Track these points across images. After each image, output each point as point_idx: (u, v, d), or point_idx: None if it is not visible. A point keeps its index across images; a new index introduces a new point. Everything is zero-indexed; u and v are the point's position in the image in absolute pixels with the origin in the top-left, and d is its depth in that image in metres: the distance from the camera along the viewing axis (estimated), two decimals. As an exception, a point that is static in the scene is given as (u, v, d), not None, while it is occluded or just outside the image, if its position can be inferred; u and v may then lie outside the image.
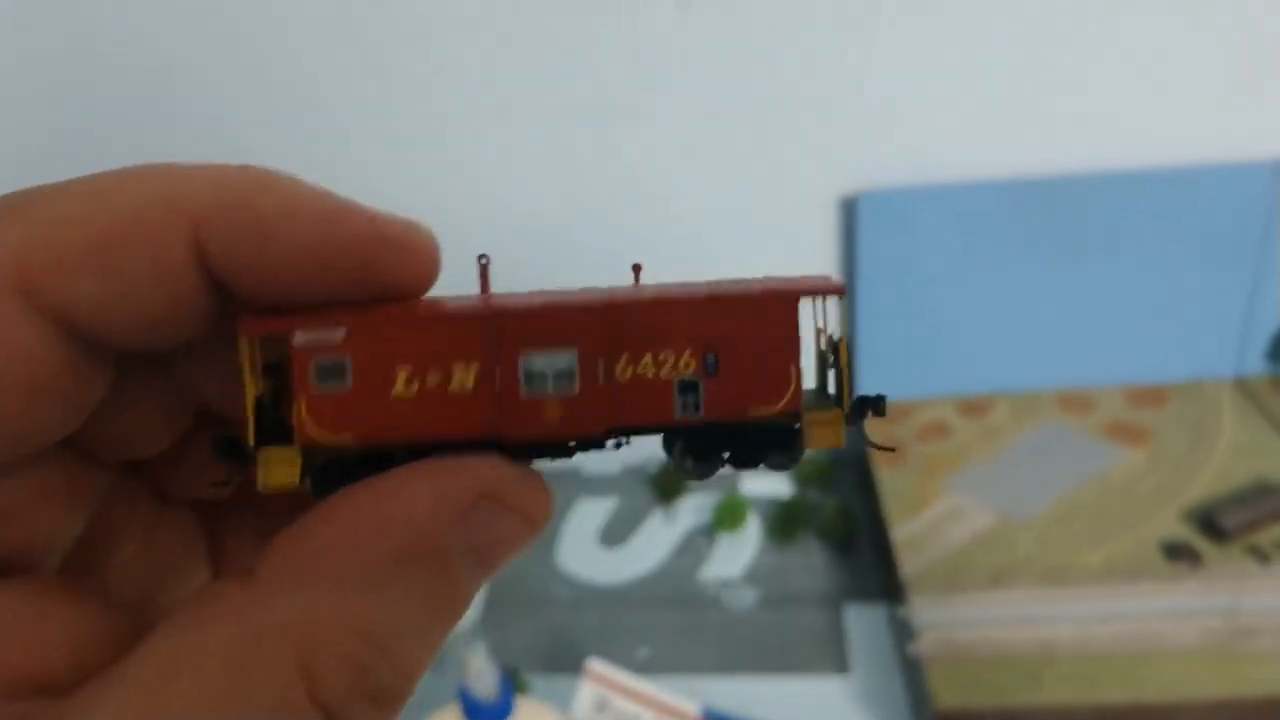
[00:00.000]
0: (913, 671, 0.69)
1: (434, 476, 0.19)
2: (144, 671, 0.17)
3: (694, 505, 0.93)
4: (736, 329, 0.21)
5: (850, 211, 0.87)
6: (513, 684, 0.68)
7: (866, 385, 0.89)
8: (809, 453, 0.22)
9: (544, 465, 0.22)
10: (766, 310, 0.21)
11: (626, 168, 0.85)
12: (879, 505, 0.82)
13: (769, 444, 0.22)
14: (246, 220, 0.19)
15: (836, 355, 0.22)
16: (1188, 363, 0.90)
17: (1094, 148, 0.83)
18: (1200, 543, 0.72)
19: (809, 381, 0.22)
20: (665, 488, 0.94)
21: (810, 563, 0.85)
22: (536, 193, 0.86)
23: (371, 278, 0.20)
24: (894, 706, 0.70)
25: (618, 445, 0.22)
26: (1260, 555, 0.70)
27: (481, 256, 0.22)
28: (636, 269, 0.22)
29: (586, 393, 0.20)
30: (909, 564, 0.73)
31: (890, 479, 0.83)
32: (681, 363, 0.21)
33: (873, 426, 0.22)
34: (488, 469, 0.20)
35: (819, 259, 0.90)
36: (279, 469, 0.20)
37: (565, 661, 0.76)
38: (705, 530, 0.90)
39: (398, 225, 0.20)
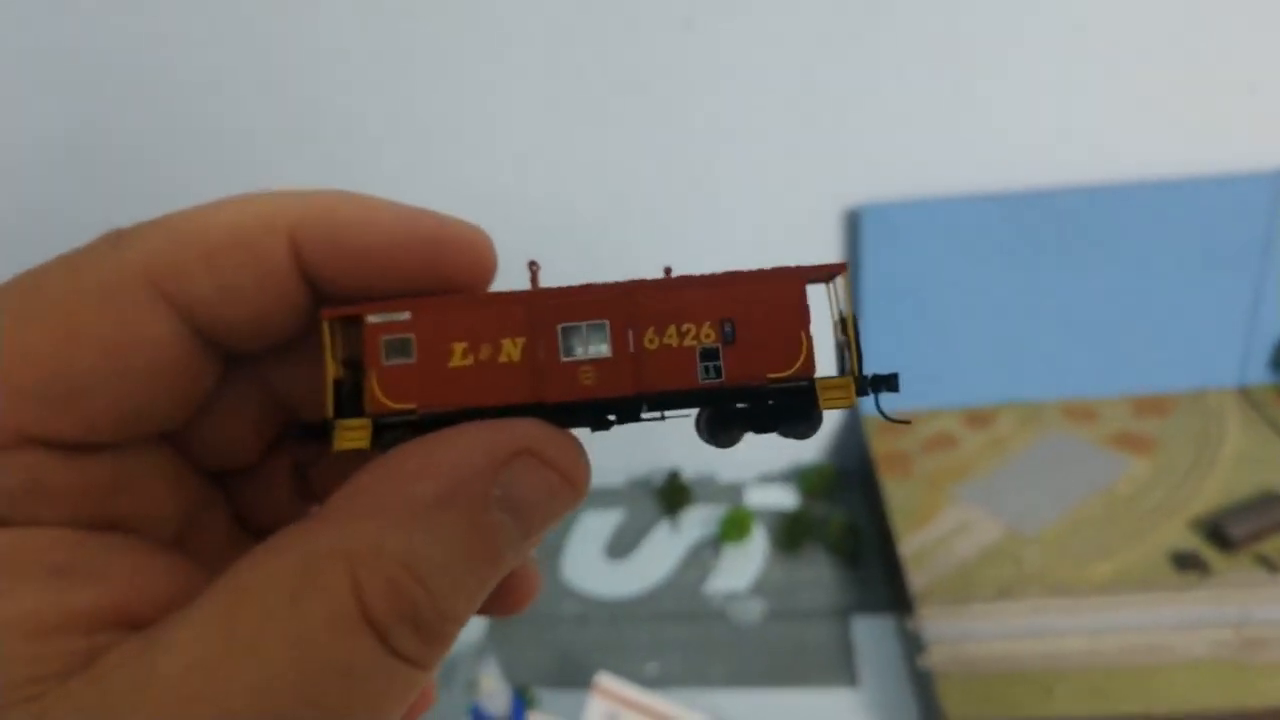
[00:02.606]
0: (922, 684, 0.69)
1: (478, 431, 0.21)
2: (216, 600, 0.19)
3: (700, 517, 0.93)
4: (751, 303, 0.23)
5: (853, 224, 0.87)
6: (524, 701, 0.68)
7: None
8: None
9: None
10: (777, 286, 0.23)
11: (635, 182, 0.86)
12: (886, 518, 0.82)
13: (787, 408, 0.24)
14: (334, 224, 0.22)
15: (844, 328, 0.24)
16: (1192, 372, 0.91)
17: (1097, 160, 0.83)
18: (1208, 552, 0.72)
19: (830, 367, 0.24)
20: (671, 500, 0.94)
21: (817, 575, 0.85)
22: (545, 206, 0.86)
23: (438, 270, 0.23)
24: (904, 719, 0.70)
25: (657, 417, 0.24)
26: (1269, 565, 0.70)
27: (532, 263, 0.25)
28: (667, 271, 0.25)
29: (618, 358, 0.23)
30: (917, 577, 0.73)
31: (896, 491, 0.83)
32: (702, 333, 0.23)
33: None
34: (528, 427, 0.22)
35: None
36: (352, 434, 0.23)
37: (574, 676, 0.76)
38: (711, 542, 0.90)
39: (461, 226, 0.24)
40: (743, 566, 0.87)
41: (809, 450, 0.99)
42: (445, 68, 0.81)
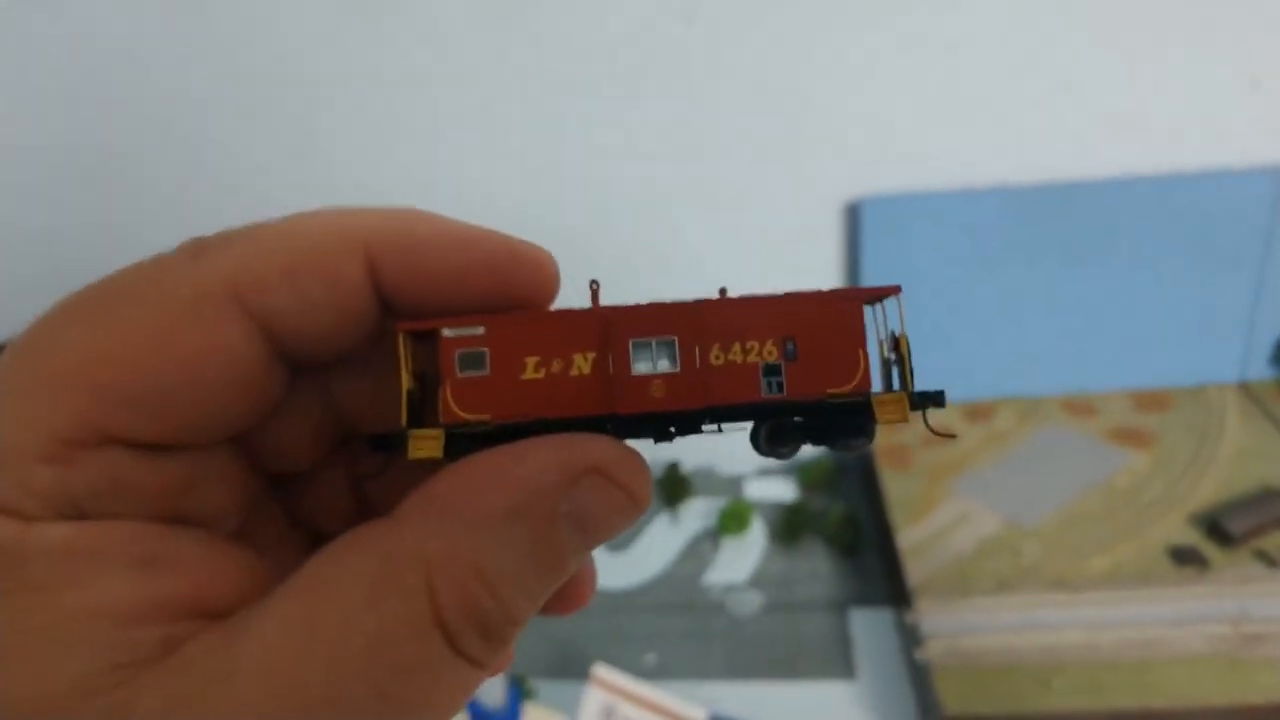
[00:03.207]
0: (920, 677, 0.69)
1: (550, 448, 0.22)
2: (297, 594, 0.20)
3: (699, 510, 0.93)
4: (811, 323, 0.24)
5: (854, 217, 0.87)
6: (520, 691, 0.68)
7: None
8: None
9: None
10: (836, 307, 0.24)
11: (637, 177, 0.85)
12: (884, 511, 0.82)
13: (844, 422, 0.25)
14: (410, 243, 0.23)
15: (897, 347, 0.25)
16: (1192, 367, 0.91)
17: (1098, 154, 0.83)
18: (1207, 547, 0.72)
19: (875, 384, 0.25)
20: (670, 492, 0.94)
21: (815, 567, 0.85)
22: (545, 201, 0.86)
23: (507, 287, 0.24)
24: (901, 712, 0.70)
25: (715, 429, 0.25)
26: (1267, 560, 0.70)
27: (593, 282, 0.26)
28: (722, 291, 0.26)
29: (686, 373, 0.24)
30: (915, 570, 0.73)
31: (895, 484, 0.83)
32: (765, 350, 0.24)
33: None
34: (599, 446, 0.22)
35: (823, 264, 0.90)
36: (425, 443, 0.23)
37: (572, 668, 0.76)
38: (710, 534, 0.90)
39: (528, 246, 0.24)
40: (741, 559, 0.87)
41: (808, 443, 0.99)
42: (442, 68, 0.81)
